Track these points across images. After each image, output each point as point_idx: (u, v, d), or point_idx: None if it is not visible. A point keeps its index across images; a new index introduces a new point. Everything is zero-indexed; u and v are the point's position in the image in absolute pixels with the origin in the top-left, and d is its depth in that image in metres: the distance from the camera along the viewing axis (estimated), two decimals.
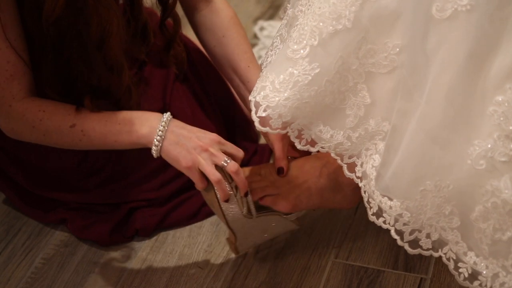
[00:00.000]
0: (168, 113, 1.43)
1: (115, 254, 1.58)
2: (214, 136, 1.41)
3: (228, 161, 1.39)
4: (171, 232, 1.62)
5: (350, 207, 1.51)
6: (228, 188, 1.41)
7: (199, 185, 1.41)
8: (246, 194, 1.42)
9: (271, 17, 2.24)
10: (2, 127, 1.49)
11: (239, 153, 1.42)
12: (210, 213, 1.62)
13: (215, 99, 1.72)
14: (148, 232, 1.61)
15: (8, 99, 1.44)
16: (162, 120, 1.41)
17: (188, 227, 1.63)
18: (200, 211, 1.64)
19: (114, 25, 1.38)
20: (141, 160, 1.59)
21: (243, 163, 1.71)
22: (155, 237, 1.61)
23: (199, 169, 1.39)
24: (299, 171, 1.48)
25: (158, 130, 1.40)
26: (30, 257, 1.59)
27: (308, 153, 1.43)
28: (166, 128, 1.40)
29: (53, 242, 1.61)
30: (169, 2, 1.55)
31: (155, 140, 1.40)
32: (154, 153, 1.41)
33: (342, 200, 1.49)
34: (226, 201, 1.41)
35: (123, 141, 1.43)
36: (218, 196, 1.41)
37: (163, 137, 1.40)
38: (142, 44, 1.54)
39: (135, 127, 1.41)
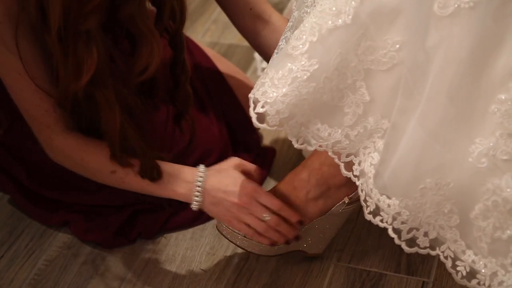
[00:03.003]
0: (203, 168, 1.45)
1: (118, 256, 1.58)
2: (249, 189, 1.43)
3: (268, 217, 1.42)
4: (173, 235, 1.62)
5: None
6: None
7: (249, 232, 1.44)
8: (297, 238, 1.46)
9: None
10: (47, 153, 1.51)
11: (275, 204, 1.43)
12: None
13: (218, 103, 1.72)
14: (151, 235, 1.61)
15: (47, 132, 1.47)
16: (197, 180, 1.44)
17: (190, 230, 1.62)
18: (202, 214, 1.62)
19: (117, 123, 1.40)
20: None
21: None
22: (158, 240, 1.61)
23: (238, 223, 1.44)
24: (290, 189, 1.45)
25: (194, 192, 1.44)
26: (33, 259, 1.58)
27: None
28: (203, 187, 1.44)
29: (56, 244, 1.61)
30: (179, 44, 1.51)
31: (193, 202, 1.45)
32: (194, 208, 1.46)
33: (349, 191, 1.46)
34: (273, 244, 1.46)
35: (161, 195, 1.48)
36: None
37: (201, 198, 1.44)
38: (149, 97, 1.53)
39: (171, 185, 1.46)
